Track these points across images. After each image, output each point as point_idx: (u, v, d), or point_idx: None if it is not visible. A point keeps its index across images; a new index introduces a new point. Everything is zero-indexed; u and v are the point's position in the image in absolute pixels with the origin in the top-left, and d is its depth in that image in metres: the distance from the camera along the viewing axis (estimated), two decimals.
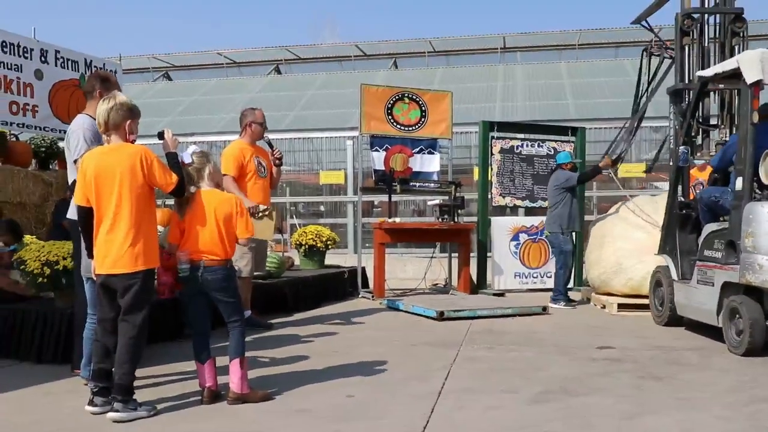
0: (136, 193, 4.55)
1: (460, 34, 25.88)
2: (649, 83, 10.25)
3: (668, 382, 5.44)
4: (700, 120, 8.60)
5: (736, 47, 8.59)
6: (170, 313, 7.06)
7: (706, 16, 9.00)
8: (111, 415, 4.46)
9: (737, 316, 6.59)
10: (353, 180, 15.62)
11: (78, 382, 5.30)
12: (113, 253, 4.52)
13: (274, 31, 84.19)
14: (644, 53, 10.20)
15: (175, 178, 4.68)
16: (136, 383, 4.67)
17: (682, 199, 8.18)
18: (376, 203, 16.35)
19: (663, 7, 10.03)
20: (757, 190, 6.75)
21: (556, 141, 12.17)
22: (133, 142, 4.75)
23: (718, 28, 8.90)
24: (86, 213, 4.68)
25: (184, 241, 4.87)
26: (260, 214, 6.74)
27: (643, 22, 10.32)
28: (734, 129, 8.23)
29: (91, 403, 4.64)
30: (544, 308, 9.23)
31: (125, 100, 4.72)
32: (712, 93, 8.69)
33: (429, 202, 12.29)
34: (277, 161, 8.06)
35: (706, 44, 8.95)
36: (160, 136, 4.97)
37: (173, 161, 4.79)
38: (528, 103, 19.42)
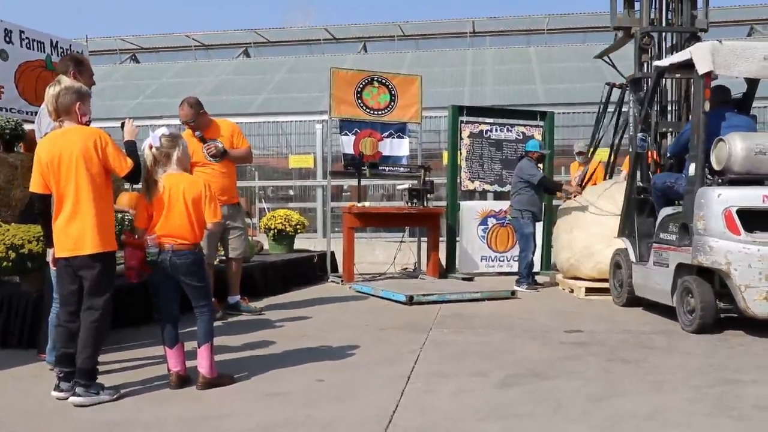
0: (95, 175, 4.51)
1: (430, 18, 25.91)
2: (612, 112, 10.60)
3: (637, 365, 5.49)
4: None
5: None
6: (139, 297, 6.98)
7: (663, 34, 9.48)
8: (72, 399, 4.44)
9: (690, 295, 6.87)
10: (322, 164, 15.57)
11: (44, 366, 5.23)
12: (74, 235, 4.48)
13: (242, 14, 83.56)
14: (607, 86, 10.51)
15: (130, 162, 4.63)
16: (104, 367, 4.64)
17: (640, 184, 8.35)
18: (345, 187, 16.32)
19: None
20: (709, 176, 7.05)
21: (525, 125, 12.22)
22: (86, 123, 4.70)
23: (674, 45, 9.35)
24: (44, 200, 4.64)
25: (152, 226, 4.83)
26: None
27: (605, 59, 10.63)
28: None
29: (57, 388, 4.60)
30: (513, 292, 9.31)
31: (71, 83, 4.70)
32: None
33: (398, 187, 12.26)
34: (209, 158, 7.69)
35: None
36: (123, 125, 4.94)
37: (131, 149, 4.75)
38: (497, 88, 19.48)
